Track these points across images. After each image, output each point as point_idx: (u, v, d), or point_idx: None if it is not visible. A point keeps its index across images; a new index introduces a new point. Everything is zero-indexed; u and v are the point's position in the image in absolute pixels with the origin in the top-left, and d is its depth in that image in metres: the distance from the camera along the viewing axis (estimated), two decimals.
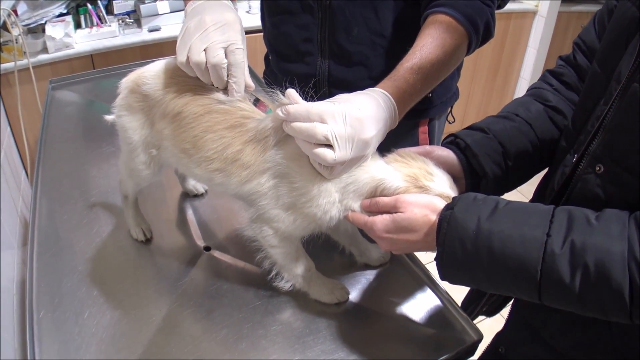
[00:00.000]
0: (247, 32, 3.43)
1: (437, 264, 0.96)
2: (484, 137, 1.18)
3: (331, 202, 1.08)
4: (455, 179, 1.11)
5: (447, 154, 1.18)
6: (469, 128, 1.22)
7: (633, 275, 0.76)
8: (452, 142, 1.21)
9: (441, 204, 0.99)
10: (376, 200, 1.05)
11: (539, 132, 1.19)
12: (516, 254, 0.85)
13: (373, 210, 1.06)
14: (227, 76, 1.14)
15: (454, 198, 0.98)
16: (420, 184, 1.04)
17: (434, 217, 0.97)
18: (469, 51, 1.32)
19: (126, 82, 1.26)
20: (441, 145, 1.22)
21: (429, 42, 1.22)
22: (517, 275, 0.86)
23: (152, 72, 1.21)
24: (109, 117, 1.36)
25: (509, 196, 0.96)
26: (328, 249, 1.35)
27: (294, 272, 1.22)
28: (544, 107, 1.21)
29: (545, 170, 1.20)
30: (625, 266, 0.77)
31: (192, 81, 1.17)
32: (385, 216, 1.03)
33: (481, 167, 1.16)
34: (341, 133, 0.99)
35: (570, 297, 0.82)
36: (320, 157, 1.00)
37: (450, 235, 0.92)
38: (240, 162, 1.11)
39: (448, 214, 0.93)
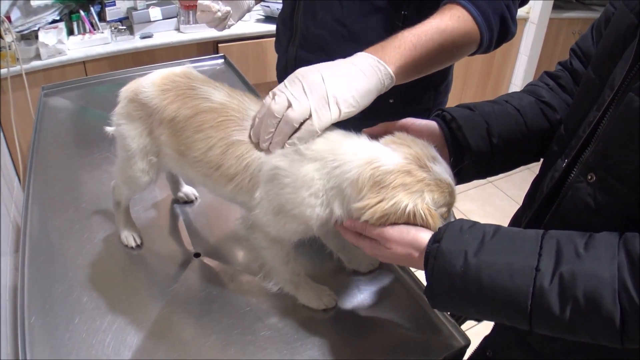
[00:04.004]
0: (239, 39, 3.43)
1: (426, 295, 0.96)
2: (470, 113, 1.19)
3: (314, 193, 1.05)
4: (437, 148, 1.08)
5: (428, 122, 1.19)
6: (457, 106, 1.23)
7: (623, 304, 0.76)
8: (438, 114, 1.22)
9: (427, 237, 0.96)
10: (362, 226, 1.02)
11: (528, 119, 1.19)
12: (505, 289, 0.84)
13: (357, 230, 1.05)
14: None
15: (440, 229, 0.95)
16: (423, 163, 1.01)
17: (416, 255, 0.97)
18: (482, 44, 1.29)
19: (125, 91, 1.28)
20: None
21: (433, 21, 1.21)
22: (507, 307, 0.85)
23: (149, 80, 1.24)
24: (109, 129, 1.38)
25: (501, 199, 0.95)
26: (317, 255, 1.37)
27: (283, 276, 1.23)
28: (536, 100, 1.22)
29: (536, 176, 1.20)
30: (615, 295, 0.76)
31: (184, 85, 1.20)
32: (373, 244, 1.03)
33: (465, 139, 1.16)
34: (287, 85, 1.07)
35: (560, 327, 0.82)
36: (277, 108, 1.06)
37: (437, 271, 0.91)
38: (223, 172, 1.13)
39: (435, 247, 0.92)
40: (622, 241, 0.80)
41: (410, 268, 1.35)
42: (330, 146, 1.06)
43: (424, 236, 0.97)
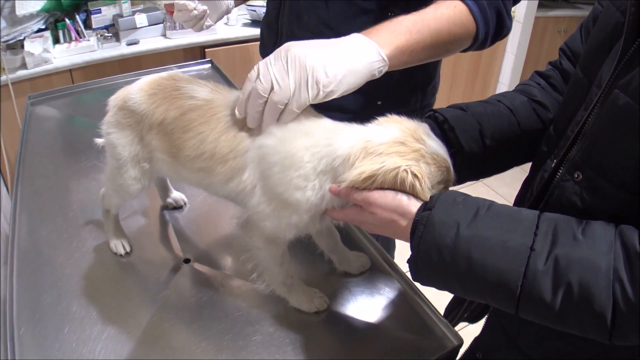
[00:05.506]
0: (226, 44, 3.43)
1: (409, 266, 0.93)
2: (463, 113, 1.18)
3: (303, 175, 1.04)
4: None
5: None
6: (449, 106, 1.23)
7: (617, 298, 0.74)
8: (430, 116, 1.22)
9: (415, 206, 0.93)
10: (346, 191, 0.99)
11: (520, 119, 1.18)
12: (496, 267, 0.82)
13: (342, 197, 1.02)
14: None
15: (431, 198, 0.92)
16: (418, 136, 0.99)
17: (404, 223, 0.93)
18: (478, 37, 1.28)
19: (114, 99, 1.27)
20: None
21: (430, 9, 1.21)
22: (496, 287, 0.83)
23: (137, 87, 1.23)
24: (99, 141, 1.37)
25: (491, 198, 0.90)
26: (308, 258, 1.36)
27: (276, 277, 1.23)
28: (528, 100, 1.21)
29: (526, 177, 1.20)
30: (609, 288, 0.74)
31: (170, 87, 1.20)
32: (357, 211, 1.01)
33: (457, 140, 1.15)
34: (272, 61, 1.07)
35: (549, 314, 0.80)
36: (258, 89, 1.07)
37: (425, 241, 0.88)
38: (217, 157, 1.12)
39: (425, 215, 0.89)
40: (617, 232, 0.79)
41: (403, 269, 1.35)
42: (323, 125, 1.07)
43: (412, 204, 0.94)
